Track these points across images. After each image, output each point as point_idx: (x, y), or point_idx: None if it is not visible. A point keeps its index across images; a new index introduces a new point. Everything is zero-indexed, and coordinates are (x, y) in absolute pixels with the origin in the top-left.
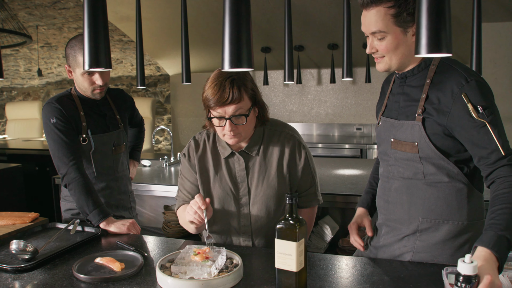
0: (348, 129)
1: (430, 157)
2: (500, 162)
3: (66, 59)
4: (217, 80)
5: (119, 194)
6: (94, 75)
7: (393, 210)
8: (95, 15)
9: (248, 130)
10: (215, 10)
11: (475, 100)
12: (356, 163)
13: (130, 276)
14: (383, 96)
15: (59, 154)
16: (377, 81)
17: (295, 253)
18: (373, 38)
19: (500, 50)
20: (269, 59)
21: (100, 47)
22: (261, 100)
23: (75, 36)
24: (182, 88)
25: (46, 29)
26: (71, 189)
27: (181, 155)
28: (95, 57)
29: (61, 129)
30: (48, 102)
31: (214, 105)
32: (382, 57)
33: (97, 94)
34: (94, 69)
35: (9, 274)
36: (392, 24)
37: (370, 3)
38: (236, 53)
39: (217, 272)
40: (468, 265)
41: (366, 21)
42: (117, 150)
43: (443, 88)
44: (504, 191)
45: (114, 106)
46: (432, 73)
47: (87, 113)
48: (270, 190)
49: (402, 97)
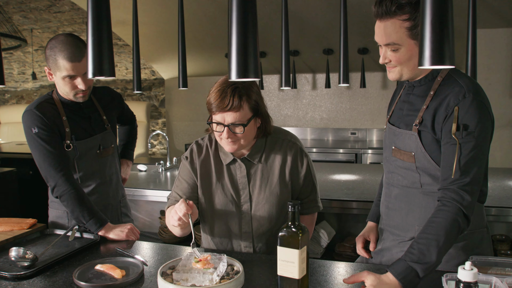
0: (342, 133)
1: (426, 167)
2: (448, 184)
3: (46, 61)
4: (221, 86)
5: (107, 199)
6: (76, 79)
7: (393, 217)
8: (100, 23)
9: (247, 139)
10: (211, 14)
11: (463, 118)
12: (352, 168)
13: (131, 283)
14: (393, 100)
15: (45, 165)
16: (372, 86)
17: (298, 261)
18: (387, 49)
19: (494, 56)
20: (264, 64)
21: (104, 56)
22: (265, 112)
23: (55, 37)
24: (177, 92)
25: (40, 32)
26: (63, 201)
27: (182, 157)
28: (99, 65)
29: (44, 138)
30: (28, 110)
31: (215, 110)
32: (394, 66)
33: (80, 98)
34: (74, 73)
35: (8, 282)
36: (406, 36)
37: (385, 14)
38: (243, 64)
39: (218, 279)
40: (468, 272)
41: (381, 32)
42: (103, 153)
43: (442, 101)
44: (435, 220)
45: (100, 107)
46: (436, 85)
47: (70, 118)
48: (272, 197)
49: (407, 105)
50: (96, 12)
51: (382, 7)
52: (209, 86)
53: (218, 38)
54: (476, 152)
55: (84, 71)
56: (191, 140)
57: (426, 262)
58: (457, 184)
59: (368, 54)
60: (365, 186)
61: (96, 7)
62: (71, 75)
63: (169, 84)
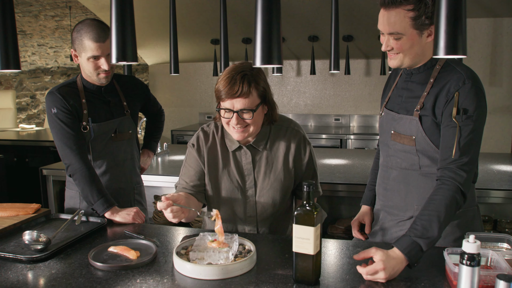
0: (326, 119)
1: (425, 150)
2: (447, 164)
3: (72, 43)
4: (230, 74)
5: (119, 183)
6: (99, 60)
7: (391, 197)
8: (123, 10)
9: (255, 126)
10: (198, 0)
11: (462, 102)
12: (340, 153)
13: (147, 263)
14: (388, 88)
15: (61, 144)
16: (356, 72)
17: (313, 237)
18: (390, 37)
19: (475, 45)
20: (249, 50)
21: (127, 42)
22: (272, 100)
23: (81, 21)
24: (161, 78)
25: (21, 17)
26: (75, 179)
27: (188, 145)
28: (122, 51)
29: (63, 119)
30: (50, 92)
31: (224, 97)
32: (396, 53)
33: (103, 79)
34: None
35: (24, 265)
36: (409, 26)
37: (391, 4)
38: (268, 51)
39: (233, 258)
40: (472, 245)
41: (385, 21)
42: (118, 137)
43: (443, 88)
44: (435, 197)
45: (121, 93)
46: (436, 73)
47: (89, 101)
48: (276, 183)
49: (406, 92)
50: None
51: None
52: (194, 72)
53: (203, 24)
54: (474, 135)
55: (108, 52)
56: (176, 126)
57: (428, 237)
58: (456, 163)
59: (352, 41)
60: (355, 169)
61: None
62: (96, 55)
63: (153, 70)
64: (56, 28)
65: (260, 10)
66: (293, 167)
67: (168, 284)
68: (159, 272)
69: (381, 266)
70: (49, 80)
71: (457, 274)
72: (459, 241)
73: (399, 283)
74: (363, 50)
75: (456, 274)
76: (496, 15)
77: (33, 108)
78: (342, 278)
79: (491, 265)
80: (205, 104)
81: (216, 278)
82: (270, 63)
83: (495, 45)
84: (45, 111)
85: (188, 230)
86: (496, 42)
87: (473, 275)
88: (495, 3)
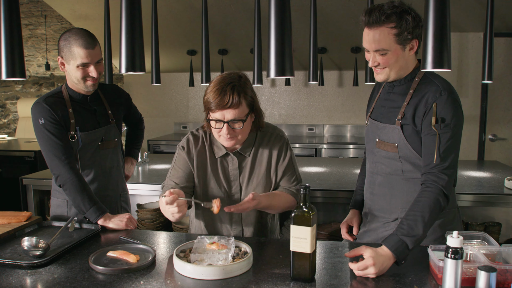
0: (300, 129)
1: (408, 156)
2: (430, 169)
3: (58, 51)
4: (219, 85)
5: (106, 191)
6: (89, 67)
7: (377, 201)
8: (133, 22)
9: (244, 134)
10: (175, 11)
11: (440, 112)
12: (318, 161)
13: (147, 266)
14: (372, 99)
15: (50, 155)
16: (329, 83)
17: (310, 237)
18: (375, 54)
19: (465, 59)
20: (225, 61)
21: (136, 52)
22: (259, 108)
23: (69, 30)
24: (136, 88)
25: None
26: (65, 189)
27: (178, 147)
28: (131, 61)
29: (50, 130)
30: (37, 102)
31: (214, 108)
32: (383, 68)
33: (90, 86)
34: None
35: (25, 270)
36: (393, 42)
37: (375, 23)
38: (281, 63)
39: (231, 259)
40: (455, 239)
41: (370, 39)
42: (105, 145)
43: (421, 98)
44: (420, 199)
45: (106, 101)
46: (415, 85)
47: (75, 110)
48: (259, 188)
49: (388, 103)
50: (130, 10)
51: (372, 17)
52: (170, 83)
53: (180, 35)
54: (453, 141)
55: (97, 58)
56: (151, 136)
57: (414, 235)
58: (437, 168)
59: (326, 53)
60: (334, 177)
61: (130, 6)
62: (85, 62)
63: (128, 80)
64: (29, 36)
65: (273, 27)
66: (275, 172)
67: (172, 285)
68: (161, 274)
69: (371, 262)
70: (20, 90)
71: (441, 268)
72: (439, 240)
73: (388, 278)
74: (336, 62)
75: (441, 268)
76: (462, 30)
77: (2, 118)
78: (335, 275)
79: (470, 259)
80: (181, 114)
81: (217, 278)
82: (283, 75)
83: (461, 58)
84: (16, 121)
85: (179, 235)
86: (462, 55)
87: (457, 267)
88: (461, 19)
